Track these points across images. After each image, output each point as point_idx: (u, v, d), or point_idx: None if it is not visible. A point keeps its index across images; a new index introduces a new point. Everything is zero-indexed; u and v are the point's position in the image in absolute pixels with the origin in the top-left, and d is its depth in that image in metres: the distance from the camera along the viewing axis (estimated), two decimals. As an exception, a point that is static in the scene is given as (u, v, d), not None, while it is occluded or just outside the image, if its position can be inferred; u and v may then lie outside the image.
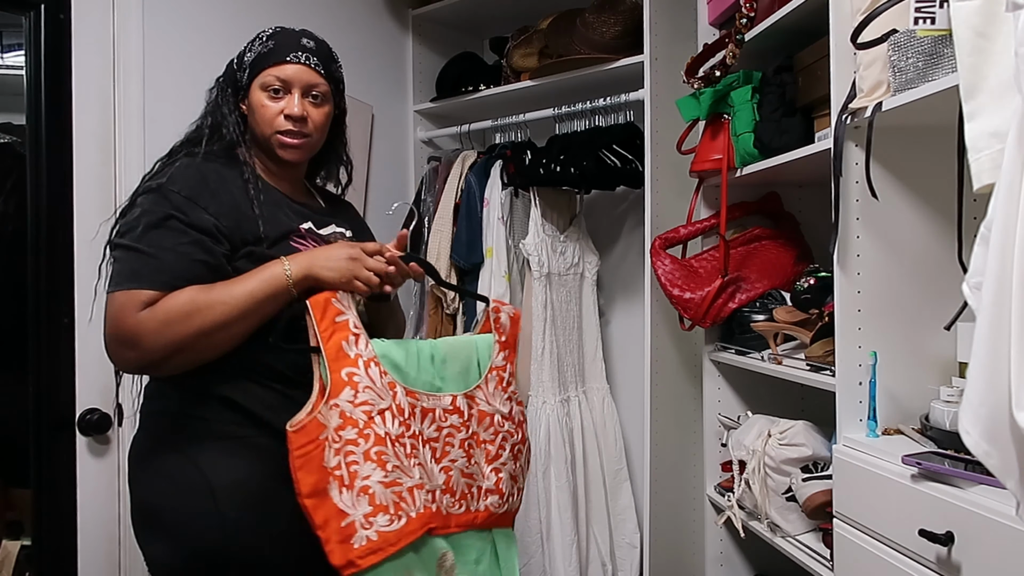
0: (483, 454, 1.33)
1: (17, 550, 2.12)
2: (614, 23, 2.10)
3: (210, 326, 1.17)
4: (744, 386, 1.95)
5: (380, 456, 1.16)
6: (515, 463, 1.38)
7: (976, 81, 0.91)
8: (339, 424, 1.15)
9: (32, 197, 1.74)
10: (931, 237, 1.39)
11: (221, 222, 1.23)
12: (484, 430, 1.34)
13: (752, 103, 1.70)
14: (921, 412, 1.33)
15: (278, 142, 1.35)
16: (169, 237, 1.19)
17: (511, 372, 1.40)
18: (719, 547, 1.99)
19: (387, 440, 1.17)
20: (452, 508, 1.27)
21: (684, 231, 1.89)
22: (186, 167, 1.27)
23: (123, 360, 1.20)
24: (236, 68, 1.38)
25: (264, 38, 1.36)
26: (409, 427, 1.22)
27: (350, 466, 1.14)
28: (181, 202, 1.21)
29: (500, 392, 1.37)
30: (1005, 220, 0.71)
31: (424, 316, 2.41)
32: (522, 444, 1.40)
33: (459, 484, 1.29)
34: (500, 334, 1.39)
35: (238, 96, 1.37)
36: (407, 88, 2.65)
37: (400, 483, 1.17)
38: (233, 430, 1.24)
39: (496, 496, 1.33)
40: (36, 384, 1.74)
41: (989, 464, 0.74)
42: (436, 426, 1.28)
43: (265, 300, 1.20)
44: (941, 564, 1.08)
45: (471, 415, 1.32)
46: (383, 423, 1.17)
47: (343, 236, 1.43)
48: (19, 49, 1.80)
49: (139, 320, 1.15)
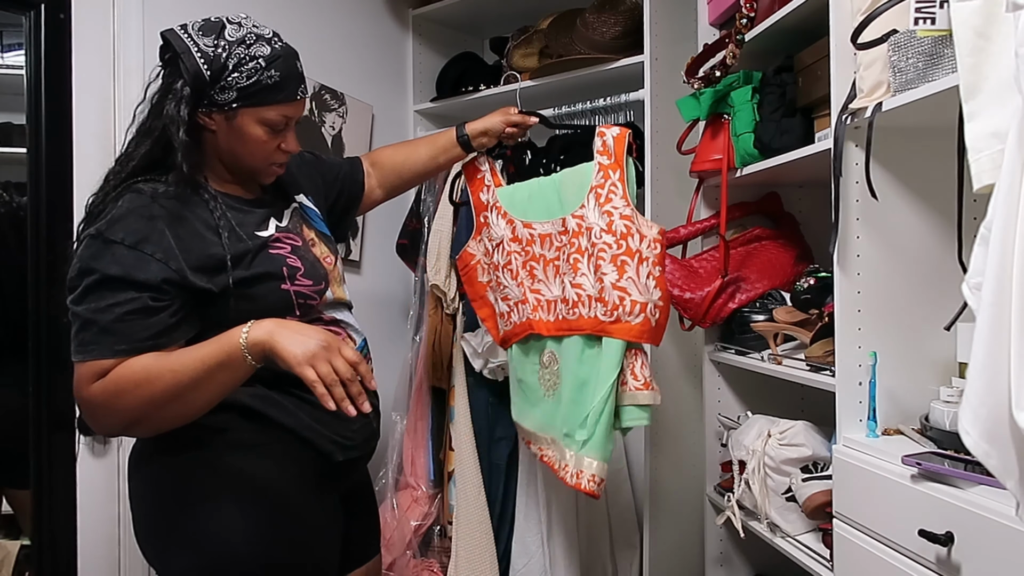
0: (591, 266, 1.52)
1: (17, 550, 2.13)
2: (614, 23, 2.10)
3: (160, 396, 1.09)
4: (744, 386, 1.95)
5: (498, 280, 1.69)
6: (619, 275, 1.48)
7: (976, 81, 0.91)
8: (485, 251, 1.73)
9: (32, 197, 1.74)
10: (931, 237, 1.39)
11: (171, 265, 1.13)
12: (589, 244, 1.51)
13: (752, 103, 1.70)
14: (921, 412, 1.33)
15: (268, 172, 1.31)
16: (109, 300, 1.10)
17: (611, 187, 1.52)
18: (719, 547, 1.99)
19: (499, 267, 1.68)
20: (567, 314, 1.56)
21: (684, 231, 1.89)
22: (130, 210, 1.15)
23: (93, 428, 1.17)
24: (209, 82, 1.19)
25: (263, 62, 1.20)
26: (528, 252, 1.64)
27: (499, 279, 1.69)
28: (123, 255, 1.11)
29: (597, 207, 1.52)
30: (1005, 220, 0.71)
31: (424, 316, 2.41)
32: (628, 255, 1.48)
33: (570, 294, 1.55)
34: (607, 156, 1.54)
35: (195, 108, 1.20)
36: (407, 88, 2.65)
37: (509, 298, 1.68)
38: (252, 437, 1.22)
39: (602, 305, 1.50)
40: (36, 384, 1.74)
41: (989, 464, 0.74)
42: (555, 247, 1.60)
43: (217, 367, 1.09)
44: (941, 564, 1.08)
45: (579, 232, 1.53)
46: (498, 254, 1.68)
47: (302, 207, 1.40)
48: (19, 49, 1.80)
49: (91, 393, 1.10)
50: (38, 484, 1.75)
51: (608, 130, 1.56)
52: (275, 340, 1.08)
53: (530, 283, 1.65)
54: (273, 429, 1.23)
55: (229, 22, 1.22)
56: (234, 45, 1.20)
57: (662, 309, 1.50)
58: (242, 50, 1.20)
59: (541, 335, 1.65)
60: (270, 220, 1.31)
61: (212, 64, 1.19)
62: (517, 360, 1.75)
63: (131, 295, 1.11)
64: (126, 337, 1.10)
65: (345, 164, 1.66)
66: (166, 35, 1.23)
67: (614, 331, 1.50)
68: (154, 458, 1.26)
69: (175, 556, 1.22)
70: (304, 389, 1.26)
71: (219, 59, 1.19)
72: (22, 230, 1.77)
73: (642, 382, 1.52)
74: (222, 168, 1.30)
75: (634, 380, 1.52)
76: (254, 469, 1.22)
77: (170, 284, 1.13)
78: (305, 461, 1.27)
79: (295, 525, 1.25)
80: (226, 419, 1.22)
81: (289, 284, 1.25)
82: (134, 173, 1.21)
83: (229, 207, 1.25)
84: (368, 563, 1.48)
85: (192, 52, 1.19)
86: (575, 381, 1.58)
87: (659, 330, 1.52)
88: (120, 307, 1.10)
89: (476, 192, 1.75)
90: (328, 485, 1.32)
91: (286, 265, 1.26)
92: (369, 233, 2.49)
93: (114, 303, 1.10)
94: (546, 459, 1.68)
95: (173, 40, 1.21)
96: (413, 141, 1.79)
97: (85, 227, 1.19)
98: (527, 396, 1.74)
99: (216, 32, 1.20)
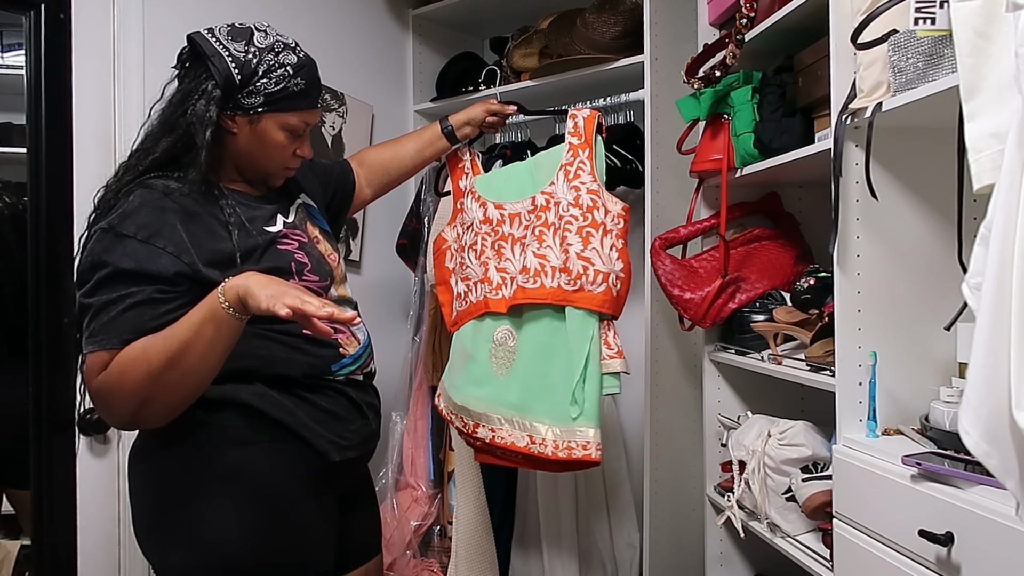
0: (557, 239, 1.57)
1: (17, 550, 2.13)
2: (614, 23, 2.10)
3: (157, 365, 1.09)
4: (744, 386, 1.95)
5: (462, 261, 1.71)
6: (584, 245, 1.54)
7: (976, 81, 0.91)
8: (456, 235, 1.76)
9: (32, 197, 1.74)
10: (931, 237, 1.39)
11: (183, 259, 1.15)
12: (556, 218, 1.58)
13: (752, 103, 1.70)
14: (921, 412, 1.33)
15: (280, 176, 1.35)
16: (120, 291, 1.12)
17: (580, 164, 1.59)
18: (719, 547, 1.99)
19: (464, 248, 1.70)
20: (526, 283, 1.59)
21: (684, 231, 1.89)
22: (142, 204, 1.17)
23: (108, 420, 1.19)
24: (239, 85, 1.22)
25: (290, 69, 1.24)
26: (498, 232, 1.67)
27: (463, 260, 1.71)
28: (135, 249, 1.13)
29: (566, 183, 1.59)
30: (1005, 220, 0.71)
31: (424, 316, 2.41)
32: (593, 227, 1.55)
33: (532, 263, 1.59)
34: (577, 136, 1.61)
35: (222, 110, 1.23)
36: (407, 88, 2.65)
37: (469, 278, 1.70)
38: (250, 435, 1.23)
39: (566, 275, 1.55)
40: (36, 384, 1.74)
41: (989, 464, 0.74)
42: (523, 225, 1.64)
43: (200, 323, 1.10)
44: (941, 564, 1.08)
45: (547, 207, 1.60)
46: (467, 235, 1.70)
47: (306, 205, 1.43)
48: (19, 49, 1.80)
49: (99, 382, 1.12)
50: (38, 484, 1.75)
51: (579, 112, 1.64)
52: (247, 284, 1.09)
53: (496, 262, 1.66)
54: (271, 427, 1.24)
55: (257, 29, 1.26)
56: (264, 52, 1.23)
57: (623, 280, 1.57)
58: (271, 57, 1.23)
59: (498, 313, 1.65)
60: (277, 216, 1.33)
61: (243, 69, 1.22)
62: (468, 338, 1.70)
63: (142, 287, 1.13)
64: (134, 326, 1.12)
65: (336, 166, 1.68)
66: (193, 37, 1.25)
67: (577, 299, 1.54)
68: (153, 454, 1.27)
69: (172, 552, 1.23)
70: (305, 389, 1.27)
71: (250, 64, 1.22)
72: (22, 230, 1.77)
73: (615, 351, 1.57)
74: (234, 169, 1.32)
75: (607, 349, 1.57)
76: (252, 467, 1.23)
77: (182, 277, 1.15)
78: (302, 460, 1.27)
79: (291, 524, 1.25)
80: (225, 416, 1.23)
81: (297, 279, 1.27)
82: (151, 168, 1.23)
83: (239, 203, 1.28)
84: (368, 563, 1.47)
85: (223, 56, 1.22)
86: (540, 355, 1.60)
87: (620, 300, 1.57)
88: (131, 297, 1.12)
89: (456, 180, 1.80)
90: (325, 485, 1.32)
91: (294, 260, 1.28)
92: (369, 233, 2.49)
93: (125, 294, 1.12)
94: (500, 440, 1.61)
95: (201, 43, 1.24)
96: (399, 138, 1.81)
97: (95, 220, 1.21)
98: (473, 375, 1.68)
99: (246, 38, 1.24)
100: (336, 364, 1.31)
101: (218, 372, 1.15)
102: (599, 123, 1.62)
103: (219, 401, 1.21)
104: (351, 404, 1.34)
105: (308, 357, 1.27)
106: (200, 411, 1.20)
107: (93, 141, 1.80)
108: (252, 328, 1.18)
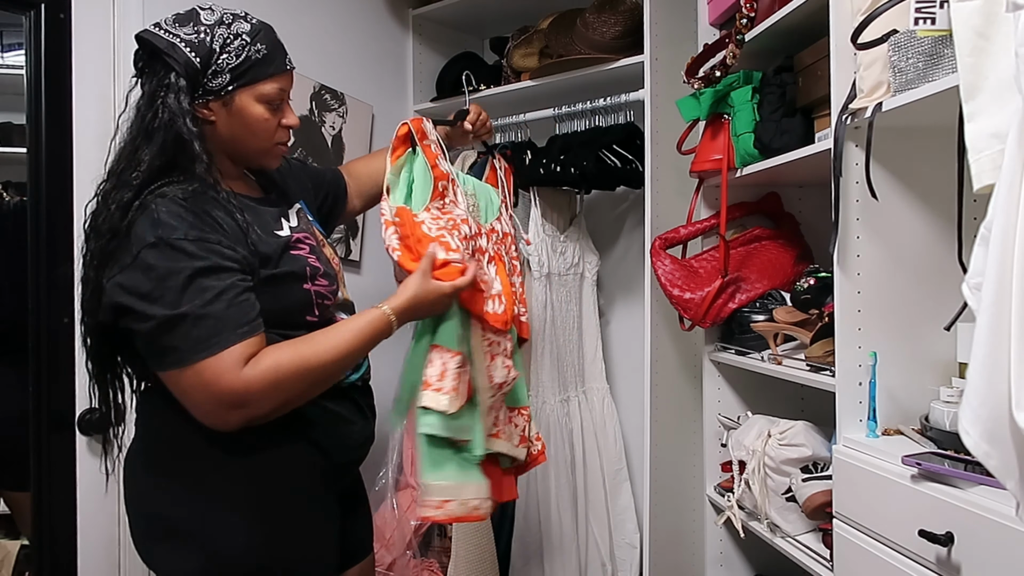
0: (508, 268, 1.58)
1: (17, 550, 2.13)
2: (614, 23, 2.10)
3: (322, 379, 1.19)
4: (744, 386, 1.95)
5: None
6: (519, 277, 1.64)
7: (976, 81, 0.92)
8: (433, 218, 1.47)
9: (32, 197, 1.74)
10: (931, 237, 1.39)
11: (238, 249, 1.16)
12: (506, 248, 1.61)
13: (752, 103, 1.70)
14: (921, 412, 1.33)
15: (274, 153, 1.31)
16: (212, 290, 1.10)
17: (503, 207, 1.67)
18: (719, 547, 1.99)
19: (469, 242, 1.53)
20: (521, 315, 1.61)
21: (684, 231, 1.89)
22: (170, 212, 1.12)
23: (225, 421, 1.13)
24: (200, 69, 1.17)
25: (247, 37, 1.20)
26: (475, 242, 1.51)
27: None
28: (195, 249, 1.11)
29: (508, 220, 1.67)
30: (1005, 220, 0.71)
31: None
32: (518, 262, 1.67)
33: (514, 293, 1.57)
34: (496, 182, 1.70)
35: (192, 101, 1.18)
36: (407, 88, 2.65)
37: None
38: (254, 438, 1.21)
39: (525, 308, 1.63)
40: (36, 384, 1.74)
41: (989, 465, 0.74)
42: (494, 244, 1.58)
43: (371, 339, 1.23)
44: (941, 564, 1.08)
45: (503, 240, 1.62)
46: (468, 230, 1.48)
47: (305, 210, 1.40)
48: (19, 49, 1.80)
49: (246, 381, 1.10)
50: (38, 484, 1.75)
51: (499, 163, 1.73)
52: (415, 309, 1.28)
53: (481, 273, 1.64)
54: (276, 431, 1.23)
55: (201, 8, 1.22)
56: (214, 27, 1.19)
57: None
58: (223, 30, 1.19)
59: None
60: (281, 220, 1.31)
61: (199, 50, 1.17)
62: None
63: (226, 280, 1.12)
64: (239, 320, 1.12)
65: (328, 172, 1.66)
66: (142, 36, 1.20)
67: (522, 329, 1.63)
68: (153, 459, 1.26)
69: (175, 557, 1.21)
70: None
71: (204, 44, 1.18)
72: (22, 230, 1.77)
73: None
74: (228, 164, 1.29)
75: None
76: (256, 470, 1.22)
77: (244, 262, 1.16)
78: (307, 462, 1.27)
79: (296, 526, 1.25)
80: None
81: (310, 284, 1.26)
82: (149, 179, 1.16)
83: (244, 207, 1.24)
84: (362, 562, 1.48)
85: (177, 44, 1.17)
86: None
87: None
88: (227, 293, 1.11)
89: (432, 158, 1.49)
90: (328, 486, 1.32)
91: (308, 265, 1.27)
92: (369, 233, 2.49)
93: (219, 291, 1.11)
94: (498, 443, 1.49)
95: (152, 39, 1.19)
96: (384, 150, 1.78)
97: (108, 244, 1.14)
98: None
99: (193, 20, 1.19)
100: None
101: None
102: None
103: None
104: (354, 406, 1.34)
105: None
106: None
107: (93, 141, 1.80)
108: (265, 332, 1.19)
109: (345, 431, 1.31)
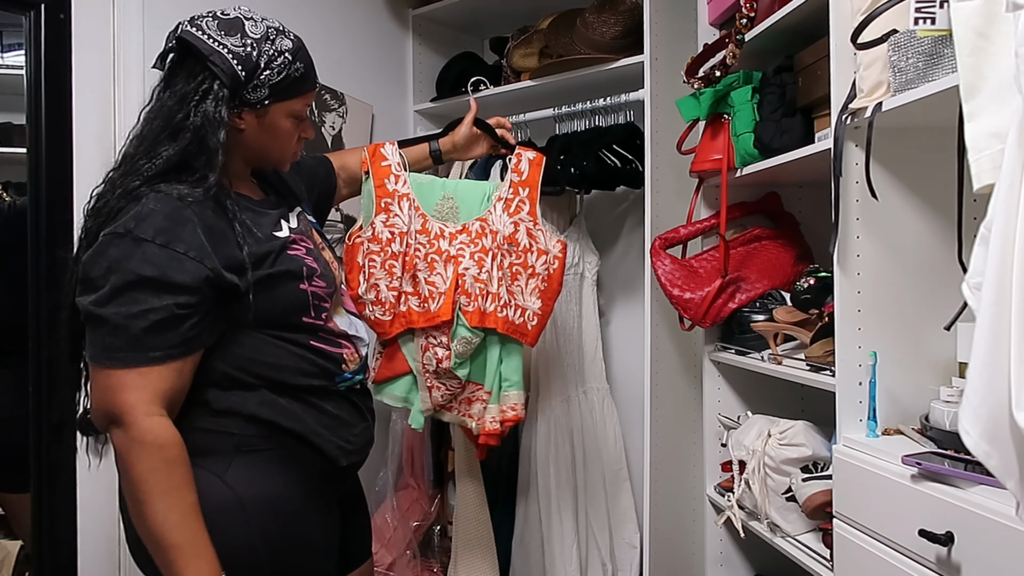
0: (494, 266, 1.68)
1: (17, 550, 2.13)
2: (614, 23, 2.10)
3: (137, 501, 1.09)
4: (744, 386, 1.95)
5: (391, 267, 1.66)
6: (512, 281, 1.69)
7: (976, 81, 0.92)
8: (370, 236, 1.66)
9: (32, 197, 1.74)
10: (931, 237, 1.39)
11: (206, 263, 1.11)
12: (493, 246, 1.68)
13: (752, 103, 1.70)
14: (921, 412, 1.33)
15: (290, 160, 1.35)
16: (142, 304, 1.07)
17: (520, 202, 1.71)
18: (719, 547, 1.99)
19: (399, 256, 1.66)
20: (466, 306, 1.67)
21: (684, 231, 1.89)
22: (155, 209, 1.11)
23: (104, 428, 1.13)
24: (243, 81, 1.18)
25: (288, 55, 1.22)
26: (433, 245, 1.68)
27: (369, 267, 1.66)
28: (155, 254, 1.08)
29: (505, 214, 1.70)
30: (1005, 220, 0.71)
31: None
32: (522, 267, 1.70)
33: (473, 287, 1.67)
34: (519, 174, 1.72)
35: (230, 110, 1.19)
36: (407, 88, 2.65)
37: (397, 288, 1.66)
38: (257, 443, 1.21)
39: (496, 302, 1.68)
40: (36, 386, 1.74)
41: (989, 464, 0.74)
42: (458, 244, 1.69)
43: (185, 559, 1.08)
44: (941, 564, 1.08)
45: (483, 234, 1.69)
46: (400, 244, 1.65)
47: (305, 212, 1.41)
48: (19, 49, 1.80)
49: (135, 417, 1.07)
50: (38, 485, 1.75)
51: (525, 152, 1.74)
52: None
53: (427, 275, 1.68)
54: (279, 435, 1.22)
55: (245, 18, 1.20)
56: (261, 42, 1.19)
57: (539, 317, 1.73)
58: (268, 46, 1.20)
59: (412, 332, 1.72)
60: (281, 221, 1.31)
61: (245, 64, 1.18)
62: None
63: (165, 300, 1.08)
64: (159, 345, 1.08)
65: (320, 168, 1.67)
66: (185, 38, 1.18)
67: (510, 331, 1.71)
68: None
69: None
70: (311, 394, 1.26)
71: (251, 58, 1.18)
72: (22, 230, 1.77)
73: None
74: (240, 165, 1.30)
75: None
76: (260, 475, 1.21)
77: (206, 283, 1.12)
78: (310, 466, 1.26)
79: (300, 530, 1.24)
80: (231, 424, 1.20)
81: (307, 284, 1.25)
82: (160, 173, 1.16)
83: (245, 208, 1.25)
84: (361, 566, 1.48)
85: (223, 54, 1.17)
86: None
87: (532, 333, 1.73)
88: (154, 314, 1.08)
89: (381, 177, 1.68)
90: (330, 489, 1.32)
91: (305, 266, 1.26)
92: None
93: (147, 308, 1.08)
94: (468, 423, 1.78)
95: (195, 43, 1.17)
96: None
97: (101, 226, 1.14)
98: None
99: (239, 31, 1.19)
100: (339, 378, 1.31)
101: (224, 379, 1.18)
102: (544, 168, 1.73)
103: (227, 411, 1.20)
104: (354, 409, 1.34)
105: (314, 367, 1.27)
106: (207, 419, 1.19)
107: (93, 141, 1.80)
108: (262, 333, 1.19)
109: (346, 434, 1.31)
